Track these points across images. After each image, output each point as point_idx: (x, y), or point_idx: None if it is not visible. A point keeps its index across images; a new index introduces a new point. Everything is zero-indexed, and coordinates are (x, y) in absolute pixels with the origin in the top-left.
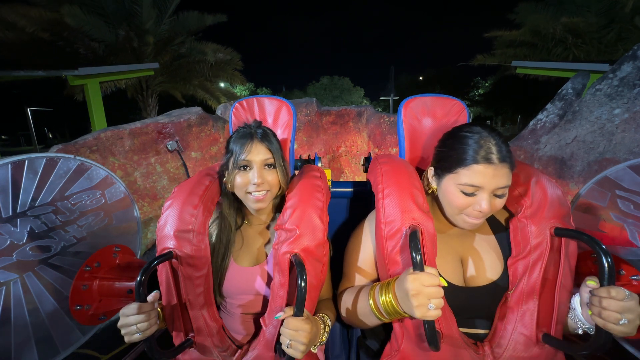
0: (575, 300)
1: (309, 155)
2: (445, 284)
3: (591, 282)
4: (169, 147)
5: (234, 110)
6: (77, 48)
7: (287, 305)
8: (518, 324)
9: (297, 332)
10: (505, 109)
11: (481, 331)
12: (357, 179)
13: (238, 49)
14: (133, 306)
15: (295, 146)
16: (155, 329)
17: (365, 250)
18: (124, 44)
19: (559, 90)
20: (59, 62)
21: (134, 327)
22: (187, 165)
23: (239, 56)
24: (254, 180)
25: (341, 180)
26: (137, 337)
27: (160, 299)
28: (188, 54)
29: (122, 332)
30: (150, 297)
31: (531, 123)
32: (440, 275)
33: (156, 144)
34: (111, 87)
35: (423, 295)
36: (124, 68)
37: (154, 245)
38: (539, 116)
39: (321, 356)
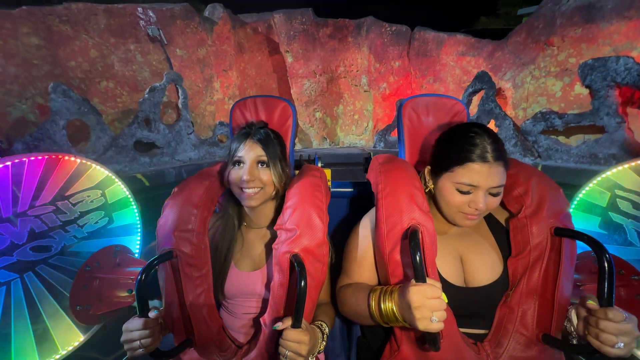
0: (572, 313)
1: (309, 155)
2: (446, 301)
3: (591, 302)
4: (149, 32)
5: (233, 110)
6: None
7: (287, 305)
8: (518, 324)
9: (295, 344)
10: None
11: (481, 331)
12: (357, 104)
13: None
14: (137, 322)
15: (290, 59)
16: (158, 343)
17: (363, 248)
18: None
19: None
20: None
21: (138, 342)
22: (172, 62)
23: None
24: (244, 177)
25: (341, 109)
26: (139, 352)
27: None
28: None
29: (125, 347)
30: (152, 314)
31: None
32: (441, 276)
33: (135, 30)
34: None
35: (425, 308)
36: None
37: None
38: None
39: (321, 356)
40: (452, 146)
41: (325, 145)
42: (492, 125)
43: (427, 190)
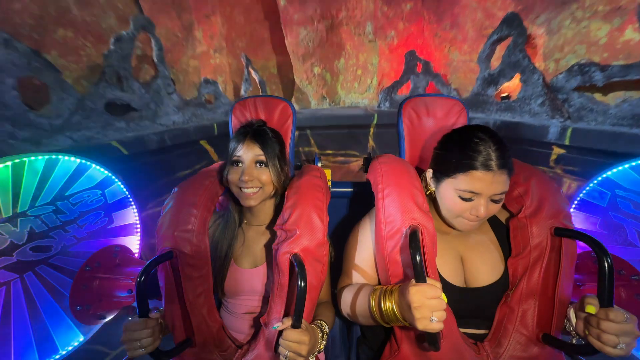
0: (570, 312)
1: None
2: (446, 301)
3: (590, 307)
4: None
5: (233, 110)
6: None
7: (287, 305)
8: (518, 324)
9: (295, 344)
10: None
11: (481, 331)
12: (361, 57)
13: None
14: (138, 322)
15: (284, 2)
16: (158, 343)
17: (364, 248)
18: None
19: None
20: None
21: (138, 342)
22: (141, 5)
23: None
24: (243, 177)
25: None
26: (139, 352)
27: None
28: None
29: (125, 347)
30: (152, 314)
31: None
32: (441, 276)
33: None
34: None
35: (425, 308)
36: None
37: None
38: None
39: (321, 356)
40: (455, 152)
41: (325, 105)
42: (516, 79)
43: (427, 193)
